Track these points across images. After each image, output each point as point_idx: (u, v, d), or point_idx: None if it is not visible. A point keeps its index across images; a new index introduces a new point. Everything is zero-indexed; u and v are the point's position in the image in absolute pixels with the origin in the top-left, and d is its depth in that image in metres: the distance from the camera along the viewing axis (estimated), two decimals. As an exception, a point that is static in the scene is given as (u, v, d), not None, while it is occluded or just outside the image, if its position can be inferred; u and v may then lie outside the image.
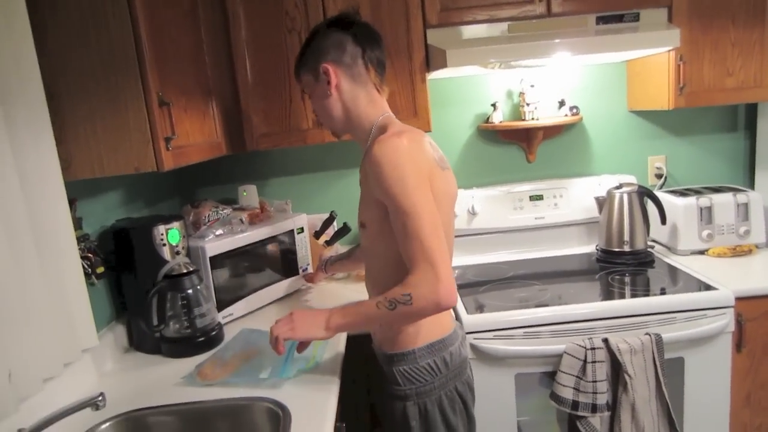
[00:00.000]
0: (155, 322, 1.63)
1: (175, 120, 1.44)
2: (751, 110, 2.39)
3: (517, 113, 2.38)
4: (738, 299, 1.77)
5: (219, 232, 1.87)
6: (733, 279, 1.86)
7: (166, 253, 1.64)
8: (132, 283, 1.67)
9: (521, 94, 2.32)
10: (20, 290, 1.19)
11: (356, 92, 1.34)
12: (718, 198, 2.14)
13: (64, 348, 1.35)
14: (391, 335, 1.33)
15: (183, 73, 1.59)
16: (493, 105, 2.33)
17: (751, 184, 2.41)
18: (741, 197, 2.13)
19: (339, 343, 1.61)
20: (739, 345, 1.81)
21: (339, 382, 1.42)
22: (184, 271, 1.65)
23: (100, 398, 1.12)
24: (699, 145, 2.45)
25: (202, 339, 1.66)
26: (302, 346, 1.36)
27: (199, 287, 1.67)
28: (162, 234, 1.63)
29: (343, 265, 1.95)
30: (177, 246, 1.67)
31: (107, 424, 1.29)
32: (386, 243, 1.26)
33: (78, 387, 1.42)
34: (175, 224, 1.66)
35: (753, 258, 2.09)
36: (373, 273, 1.42)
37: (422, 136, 1.31)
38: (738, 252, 2.10)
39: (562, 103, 2.36)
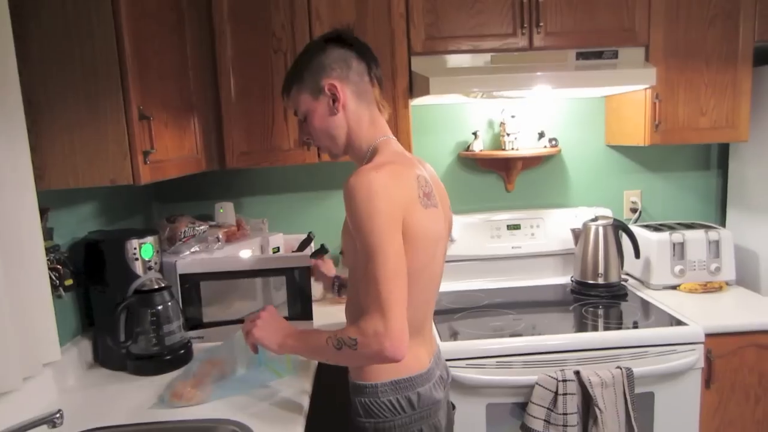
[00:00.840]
0: (122, 338, 1.59)
1: (154, 134, 1.42)
2: (723, 149, 2.45)
3: (497, 143, 2.41)
4: (708, 335, 1.79)
5: (194, 248, 1.84)
6: (703, 315, 1.89)
7: (138, 267, 1.61)
8: (101, 297, 1.63)
9: (502, 123, 2.36)
10: (-18, 300, 1.15)
11: (360, 111, 1.28)
12: (690, 234, 2.18)
13: (24, 361, 1.31)
14: (353, 366, 1.30)
15: (166, 87, 1.58)
16: (474, 134, 2.36)
17: (723, 222, 2.46)
18: (713, 234, 2.17)
19: (310, 366, 1.59)
20: (708, 381, 1.82)
21: (307, 405, 1.40)
22: (156, 286, 1.62)
23: (57, 415, 1.08)
24: (673, 182, 2.50)
25: (170, 357, 1.62)
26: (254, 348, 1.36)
27: (170, 304, 1.64)
28: (135, 248, 1.60)
29: None
30: (150, 261, 1.64)
31: (65, 442, 1.25)
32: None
33: (37, 402, 1.37)
34: (149, 239, 1.64)
35: (723, 295, 2.12)
36: (349, 301, 1.39)
37: (409, 168, 1.22)
38: (709, 288, 2.14)
39: (541, 135, 2.40)
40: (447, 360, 1.71)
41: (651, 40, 2.02)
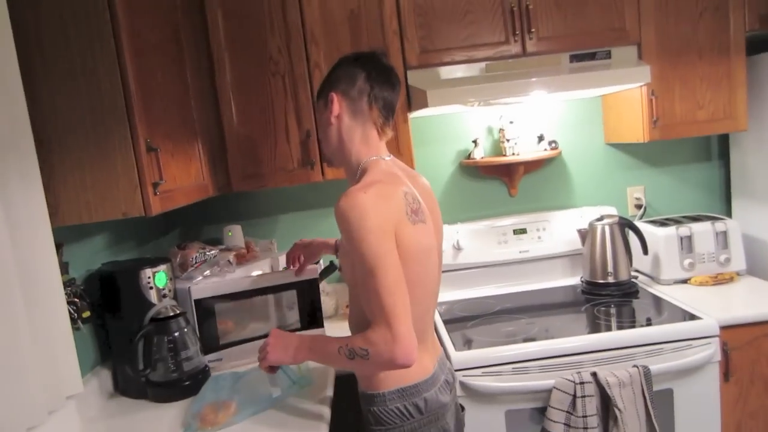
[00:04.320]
0: (141, 366, 1.61)
1: (162, 165, 1.44)
2: (724, 140, 2.47)
3: (497, 149, 2.43)
4: (722, 328, 1.79)
5: (206, 273, 1.87)
6: (716, 308, 1.89)
7: (153, 296, 1.63)
8: (118, 327, 1.65)
9: (501, 130, 2.38)
10: (6, 338, 1.17)
11: (354, 128, 1.36)
12: (697, 227, 2.18)
13: (49, 395, 1.33)
14: (365, 374, 1.34)
15: (170, 118, 1.61)
16: (474, 141, 2.38)
17: (729, 212, 2.47)
18: (719, 225, 2.18)
19: (327, 382, 1.61)
20: (726, 374, 1.82)
21: (329, 415, 1.42)
22: (171, 313, 1.64)
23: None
24: (676, 175, 2.51)
25: (189, 383, 1.63)
26: (272, 369, 1.43)
27: (186, 330, 1.66)
28: (149, 277, 1.62)
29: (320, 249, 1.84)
30: (164, 289, 1.66)
31: (91, 473, 1.27)
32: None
33: (62, 436, 1.39)
34: (162, 267, 1.66)
35: (734, 286, 2.12)
36: (353, 316, 1.43)
37: (396, 186, 1.27)
38: (719, 280, 2.14)
39: (541, 138, 2.42)
40: (462, 369, 1.73)
41: (642, 38, 2.05)
